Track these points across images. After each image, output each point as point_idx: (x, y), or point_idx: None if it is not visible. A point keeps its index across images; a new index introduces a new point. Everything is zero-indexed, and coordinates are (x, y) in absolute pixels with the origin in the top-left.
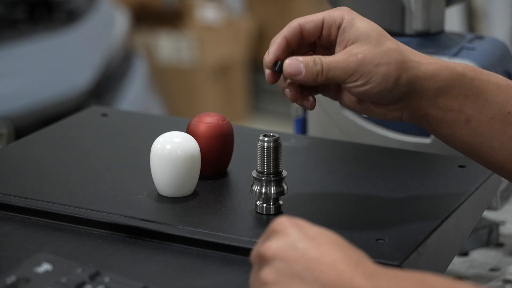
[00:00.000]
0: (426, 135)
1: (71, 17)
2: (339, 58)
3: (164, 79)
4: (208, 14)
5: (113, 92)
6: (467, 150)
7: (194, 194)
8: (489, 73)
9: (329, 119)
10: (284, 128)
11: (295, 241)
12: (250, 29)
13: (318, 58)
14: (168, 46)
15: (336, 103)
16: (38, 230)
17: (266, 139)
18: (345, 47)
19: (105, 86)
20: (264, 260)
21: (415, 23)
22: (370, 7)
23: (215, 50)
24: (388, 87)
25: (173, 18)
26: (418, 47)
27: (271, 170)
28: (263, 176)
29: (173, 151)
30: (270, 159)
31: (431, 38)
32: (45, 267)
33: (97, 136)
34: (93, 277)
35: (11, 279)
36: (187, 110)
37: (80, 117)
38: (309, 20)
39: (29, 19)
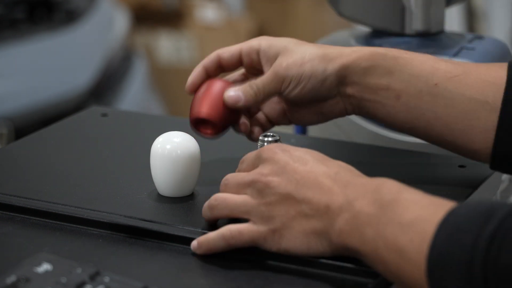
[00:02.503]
0: None
1: (71, 17)
2: (268, 74)
3: (164, 79)
4: (208, 14)
5: (113, 92)
6: (408, 128)
7: (194, 194)
8: (414, 53)
9: None
10: (284, 128)
11: (284, 165)
12: (250, 29)
13: (252, 82)
14: (168, 46)
15: None
16: (38, 230)
17: (266, 139)
18: (269, 63)
19: (105, 86)
20: (258, 186)
21: (415, 23)
22: (370, 7)
23: (215, 50)
24: (318, 80)
25: (173, 18)
26: (418, 47)
27: None
28: None
29: (173, 151)
30: None
31: (431, 38)
32: (45, 267)
33: (97, 136)
34: (93, 277)
35: (11, 279)
36: (187, 110)
37: (80, 117)
38: (227, 50)
39: (29, 19)
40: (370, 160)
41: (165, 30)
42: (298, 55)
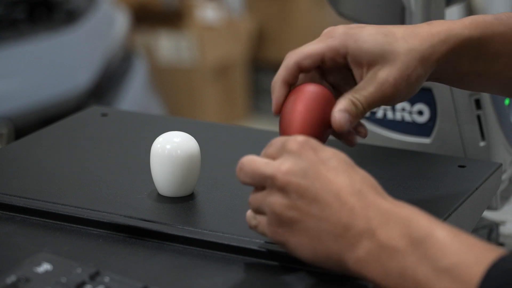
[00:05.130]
0: (426, 135)
1: (71, 17)
2: (372, 90)
3: (164, 79)
4: (208, 14)
5: (113, 92)
6: (482, 91)
7: (194, 194)
8: (492, 22)
9: None
10: None
11: (307, 166)
12: (250, 29)
13: (355, 99)
14: (168, 46)
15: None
16: (38, 230)
17: None
18: (363, 67)
19: (105, 86)
20: (275, 184)
21: (415, 23)
22: (370, 7)
23: (215, 50)
24: (420, 84)
25: (173, 18)
26: None
27: None
28: None
29: (173, 151)
30: None
31: None
32: (45, 267)
33: (97, 136)
34: (93, 277)
35: (11, 279)
36: (187, 110)
37: (80, 117)
38: (306, 56)
39: (29, 19)
40: (371, 160)
41: (165, 30)
42: (401, 64)
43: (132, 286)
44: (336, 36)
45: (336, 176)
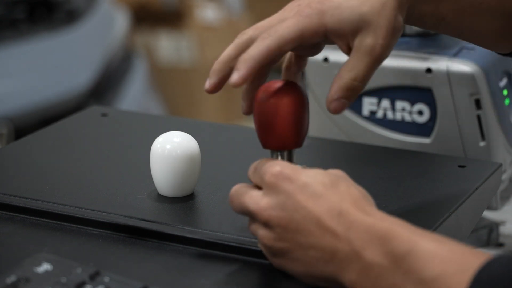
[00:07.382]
0: (426, 135)
1: (71, 17)
2: (368, 60)
3: (164, 79)
4: (208, 14)
5: (113, 92)
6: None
7: (194, 194)
8: None
9: (329, 119)
10: None
11: (284, 199)
12: None
13: (352, 81)
14: (168, 46)
15: None
16: (38, 230)
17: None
18: (348, 37)
19: (105, 86)
20: (259, 220)
21: None
22: None
23: (215, 50)
24: (403, 27)
25: (173, 18)
26: (418, 47)
27: None
28: None
29: (173, 151)
30: None
31: (431, 38)
32: (45, 267)
33: (97, 136)
34: (93, 277)
35: (11, 279)
36: (187, 110)
37: (80, 117)
38: (288, 41)
39: (29, 19)
40: (370, 160)
41: (165, 30)
42: (383, 21)
43: (132, 286)
44: (309, 15)
45: (314, 203)
